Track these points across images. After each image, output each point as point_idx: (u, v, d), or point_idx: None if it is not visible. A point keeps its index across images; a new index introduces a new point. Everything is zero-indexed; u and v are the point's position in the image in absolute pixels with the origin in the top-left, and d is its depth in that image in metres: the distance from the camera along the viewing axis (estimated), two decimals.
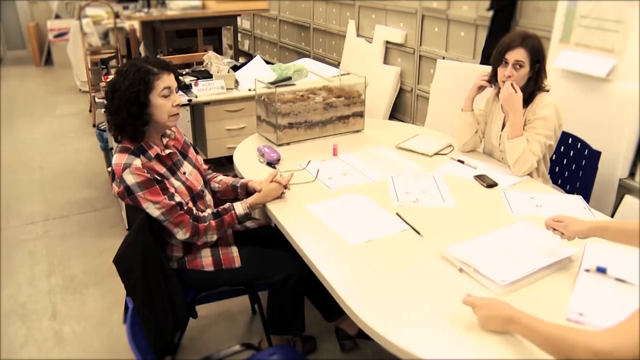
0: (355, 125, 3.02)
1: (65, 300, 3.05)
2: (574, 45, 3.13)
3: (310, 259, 1.83)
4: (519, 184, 2.41)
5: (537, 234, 1.95)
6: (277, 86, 2.98)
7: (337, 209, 2.15)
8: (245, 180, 2.35)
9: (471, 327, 1.49)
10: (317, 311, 2.50)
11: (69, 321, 2.87)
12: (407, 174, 2.46)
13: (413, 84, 4.53)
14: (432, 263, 1.79)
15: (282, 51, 6.71)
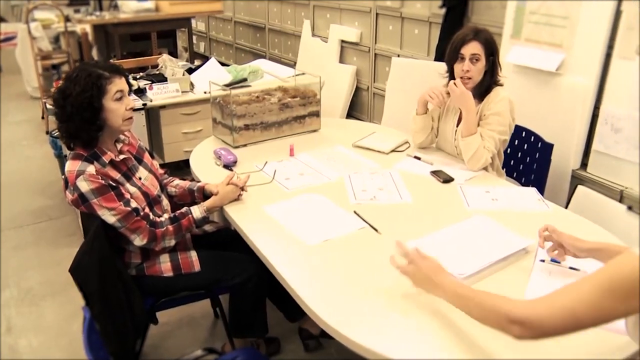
0: (312, 125, 3.02)
1: (20, 313, 2.98)
2: (524, 41, 3.19)
3: (269, 260, 1.83)
4: (475, 179, 2.45)
5: (493, 227, 1.98)
6: (232, 88, 2.97)
7: (295, 209, 2.15)
8: (202, 183, 2.33)
9: (432, 322, 1.51)
10: (280, 312, 2.50)
11: (26, 334, 2.80)
12: (364, 172, 2.48)
13: (369, 82, 4.56)
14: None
15: (238, 52, 6.67)
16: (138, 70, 4.26)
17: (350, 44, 4.72)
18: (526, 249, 1.85)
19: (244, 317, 2.33)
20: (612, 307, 1.15)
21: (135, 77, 3.97)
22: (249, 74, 3.96)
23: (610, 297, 1.15)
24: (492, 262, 1.74)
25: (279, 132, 2.91)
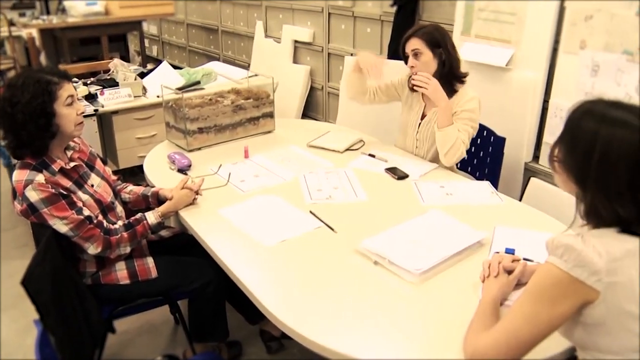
0: (266, 126, 3.01)
1: None
2: (474, 38, 3.25)
3: (226, 264, 1.82)
4: (429, 174, 2.48)
5: (448, 221, 2.01)
6: (185, 91, 2.94)
7: (250, 211, 2.14)
8: (156, 188, 2.30)
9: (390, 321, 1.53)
10: (240, 315, 2.49)
11: None
12: (319, 172, 2.49)
13: (323, 81, 4.58)
14: (347, 258, 1.81)
15: (192, 55, 6.62)
16: (89, 76, 4.18)
17: (303, 44, 4.73)
18: (481, 242, 1.89)
19: (204, 322, 2.31)
20: (546, 314, 1.23)
21: (86, 82, 3.89)
22: (202, 76, 3.93)
23: (541, 306, 1.23)
24: (447, 256, 1.76)
25: (233, 135, 2.90)
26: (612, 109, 1.25)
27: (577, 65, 2.78)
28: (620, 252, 1.18)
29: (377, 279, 1.70)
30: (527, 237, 1.92)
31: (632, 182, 1.20)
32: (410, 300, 1.61)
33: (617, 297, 1.19)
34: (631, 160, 1.19)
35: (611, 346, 1.25)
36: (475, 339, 1.33)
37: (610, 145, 1.20)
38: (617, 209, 1.22)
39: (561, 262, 1.20)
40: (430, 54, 2.50)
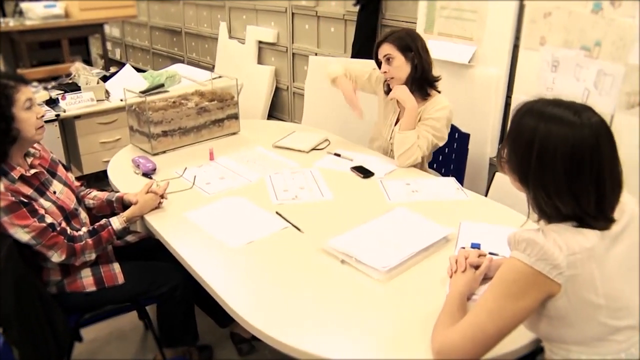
0: (231, 127, 3.00)
1: None
2: (437, 35, 3.28)
3: (193, 267, 1.81)
4: (395, 172, 2.49)
5: (414, 218, 2.03)
6: (149, 94, 2.91)
7: (217, 213, 2.13)
8: (121, 193, 2.27)
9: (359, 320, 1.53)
10: (210, 318, 2.47)
11: None
12: (284, 172, 2.48)
13: (288, 82, 4.58)
14: (314, 258, 1.82)
15: (156, 58, 6.55)
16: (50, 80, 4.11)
17: (267, 44, 4.72)
18: (447, 238, 1.91)
19: (174, 326, 2.29)
20: (511, 308, 1.25)
21: (47, 87, 3.83)
22: (166, 79, 3.89)
23: (506, 300, 1.25)
24: (414, 252, 1.77)
25: (198, 137, 2.87)
26: (550, 107, 1.28)
27: (537, 61, 2.83)
28: (578, 245, 1.21)
29: (344, 277, 1.71)
30: (493, 231, 1.95)
31: (569, 176, 1.22)
32: (378, 297, 1.62)
33: (578, 289, 1.21)
34: (567, 155, 1.21)
35: (575, 337, 1.28)
36: (442, 334, 1.34)
37: (547, 141, 1.23)
38: (557, 204, 1.25)
39: (524, 256, 1.22)
40: (402, 58, 2.52)
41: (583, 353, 1.28)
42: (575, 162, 1.21)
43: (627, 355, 1.28)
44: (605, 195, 1.24)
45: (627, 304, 1.27)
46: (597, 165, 1.22)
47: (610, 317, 1.25)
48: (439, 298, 1.52)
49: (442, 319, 1.41)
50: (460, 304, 1.46)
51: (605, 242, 1.24)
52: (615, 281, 1.25)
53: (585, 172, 1.22)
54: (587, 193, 1.23)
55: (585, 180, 1.22)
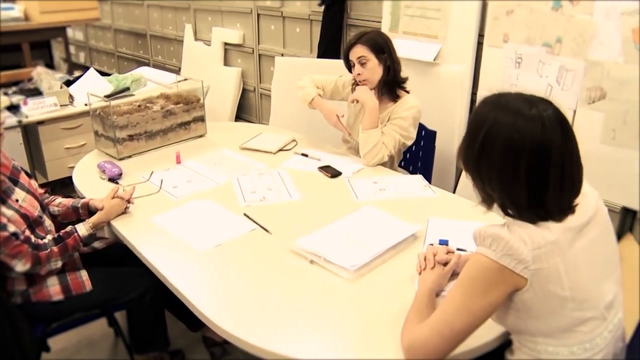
0: (197, 130, 2.98)
1: None
2: (402, 34, 3.31)
3: (161, 272, 1.79)
4: (362, 171, 2.50)
5: (381, 216, 2.04)
6: (115, 98, 2.87)
7: (184, 217, 2.12)
8: (86, 199, 2.24)
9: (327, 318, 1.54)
10: (181, 322, 2.45)
11: None
12: (252, 174, 2.47)
13: (255, 83, 4.57)
14: (283, 259, 1.81)
15: (121, 61, 6.47)
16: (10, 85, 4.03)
17: (233, 45, 4.70)
18: (415, 235, 1.92)
19: (144, 332, 2.27)
20: (478, 303, 1.26)
21: (7, 92, 3.75)
22: (131, 82, 3.85)
23: (473, 295, 1.26)
24: (382, 251, 1.78)
25: (165, 141, 2.85)
26: (508, 97, 1.29)
27: (501, 58, 2.87)
28: (543, 239, 1.22)
29: (313, 278, 1.71)
30: (460, 227, 1.97)
31: (503, 166, 1.24)
32: (347, 297, 1.62)
33: (544, 282, 1.23)
34: (507, 144, 1.23)
35: (542, 329, 1.30)
36: (411, 331, 1.35)
37: (491, 129, 1.25)
38: (489, 191, 1.29)
39: (490, 251, 1.24)
40: (375, 60, 2.53)
41: (550, 345, 1.31)
42: (513, 152, 1.23)
43: (592, 345, 1.30)
44: (547, 188, 1.25)
45: (592, 295, 1.29)
46: (539, 158, 1.22)
47: (575, 309, 1.27)
48: (408, 295, 1.53)
49: (411, 316, 1.42)
50: (429, 301, 1.47)
51: (570, 235, 1.26)
52: (580, 273, 1.27)
53: (522, 163, 1.23)
54: (519, 184, 1.24)
55: (520, 170, 1.23)
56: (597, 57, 2.48)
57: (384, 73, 2.56)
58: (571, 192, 1.29)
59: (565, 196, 1.28)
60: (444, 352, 1.30)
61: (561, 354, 1.30)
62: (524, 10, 2.71)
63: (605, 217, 1.39)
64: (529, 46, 2.74)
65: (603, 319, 1.31)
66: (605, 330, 1.32)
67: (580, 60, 2.54)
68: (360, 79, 2.57)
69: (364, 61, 2.53)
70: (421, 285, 1.55)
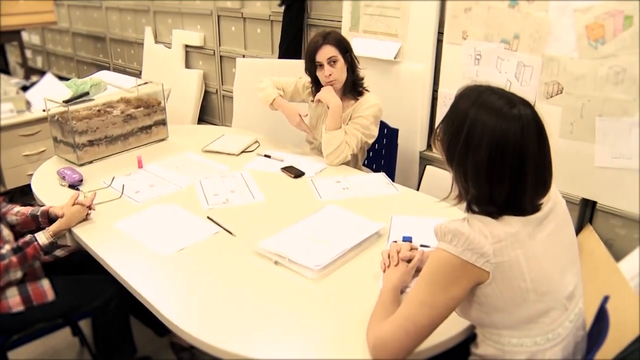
0: (159, 134, 2.94)
1: None
2: (363, 33, 3.32)
3: (124, 278, 1.77)
4: (325, 171, 2.51)
5: (345, 215, 2.04)
6: (74, 103, 2.82)
7: (147, 222, 2.09)
8: (46, 207, 2.19)
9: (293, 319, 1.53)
10: (148, 328, 2.42)
11: None
12: (215, 176, 2.46)
13: (217, 85, 4.54)
14: (247, 261, 1.81)
15: (80, 65, 6.36)
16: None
17: (194, 48, 4.66)
18: (379, 233, 1.93)
19: (110, 340, 2.23)
20: (441, 299, 1.28)
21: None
22: (91, 87, 3.79)
23: (436, 291, 1.28)
24: (346, 249, 1.79)
25: (126, 145, 2.81)
26: (487, 93, 1.30)
27: (461, 54, 2.90)
28: (503, 232, 1.24)
29: (278, 278, 1.71)
30: (424, 224, 1.99)
31: (489, 165, 1.25)
32: (312, 296, 1.63)
33: (505, 275, 1.25)
34: (491, 144, 1.24)
35: (505, 321, 1.31)
36: (376, 328, 1.36)
37: (474, 128, 1.26)
38: (472, 189, 1.29)
39: (451, 247, 1.25)
40: (342, 59, 2.54)
41: (513, 336, 1.32)
42: (498, 152, 1.24)
43: (554, 335, 1.33)
44: (525, 189, 1.27)
45: (553, 286, 1.31)
46: (519, 158, 1.24)
47: (537, 301, 1.29)
48: (373, 293, 1.53)
49: (377, 312, 1.43)
50: (393, 298, 1.48)
51: (530, 227, 1.28)
52: (541, 265, 1.28)
53: (506, 163, 1.24)
54: (502, 184, 1.25)
55: (504, 171, 1.25)
56: (553, 52, 2.52)
57: (349, 72, 2.57)
58: (542, 193, 1.31)
59: (538, 197, 1.30)
60: (409, 348, 1.31)
61: (525, 345, 1.32)
62: (482, 8, 2.75)
63: (564, 209, 1.42)
64: (487, 43, 2.77)
65: (564, 309, 1.34)
66: (567, 320, 1.34)
67: (537, 56, 2.58)
68: (331, 79, 2.56)
69: (334, 60, 2.52)
70: (386, 282, 1.56)
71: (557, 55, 2.51)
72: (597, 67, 2.39)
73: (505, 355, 1.34)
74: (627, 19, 2.27)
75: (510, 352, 1.33)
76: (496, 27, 2.71)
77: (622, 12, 2.28)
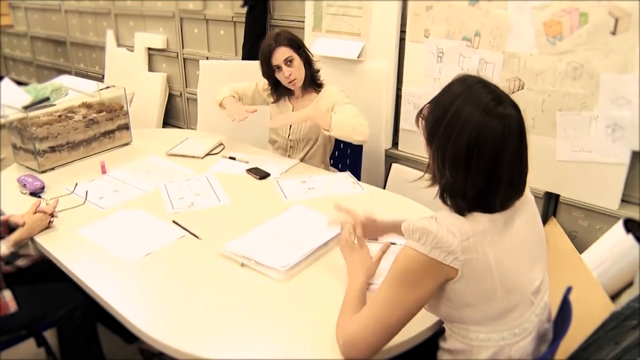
0: (122, 138, 2.91)
1: None
2: (326, 33, 3.32)
3: (89, 286, 1.74)
4: (291, 171, 2.51)
5: (310, 215, 2.04)
6: (34, 109, 2.77)
7: (112, 228, 2.06)
8: (6, 216, 2.14)
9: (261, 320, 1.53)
10: (116, 335, 2.39)
11: None
12: (179, 180, 2.44)
13: (181, 88, 4.50)
14: (214, 264, 1.80)
15: (40, 70, 6.24)
16: None
17: (157, 50, 4.61)
18: None
19: (77, 349, 2.19)
20: (410, 298, 1.29)
21: None
22: (52, 92, 3.70)
23: (405, 289, 1.28)
24: (312, 249, 1.79)
25: (88, 151, 2.77)
26: (478, 85, 1.30)
27: (423, 52, 2.92)
28: (471, 229, 1.25)
29: (245, 281, 1.70)
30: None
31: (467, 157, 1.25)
32: (280, 297, 1.62)
33: (474, 272, 1.25)
34: (471, 138, 1.24)
35: (474, 317, 1.32)
36: (345, 325, 1.36)
37: (458, 117, 1.26)
38: (447, 175, 1.29)
39: (419, 245, 1.25)
40: (298, 57, 2.54)
41: (481, 332, 1.33)
42: (477, 146, 1.23)
43: (521, 330, 1.34)
44: (497, 189, 1.27)
45: (521, 282, 1.32)
46: (496, 156, 1.24)
47: (505, 297, 1.30)
48: (340, 293, 1.54)
49: (345, 310, 1.43)
50: (361, 294, 1.48)
51: (499, 224, 1.29)
52: (510, 262, 1.29)
53: (482, 158, 1.24)
54: (476, 178, 1.26)
55: (480, 165, 1.25)
56: (514, 49, 2.56)
57: (306, 67, 2.58)
58: (515, 196, 1.32)
59: (510, 199, 1.31)
60: (377, 346, 1.32)
61: (492, 339, 1.33)
62: (443, 6, 2.77)
63: (533, 206, 1.43)
64: (449, 40, 2.80)
65: (531, 304, 1.35)
66: (533, 314, 1.36)
67: (498, 53, 2.62)
68: (291, 79, 2.56)
69: (291, 60, 2.53)
70: (352, 278, 1.56)
71: (517, 51, 2.55)
72: (556, 62, 2.44)
73: (472, 349, 1.35)
74: (583, 15, 2.32)
75: (477, 346, 1.35)
76: (457, 24, 2.74)
77: (577, 9, 2.32)
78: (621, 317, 1.53)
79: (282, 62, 2.52)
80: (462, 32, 2.74)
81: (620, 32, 2.26)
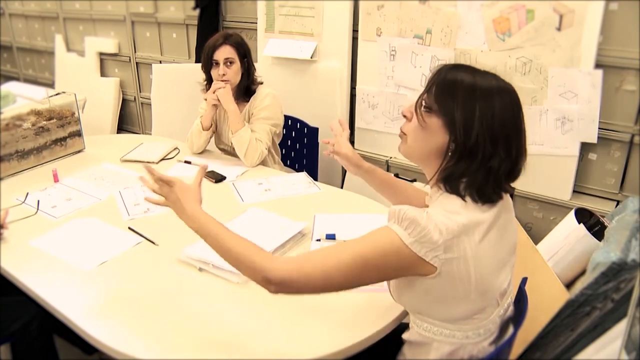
0: (74, 146, 2.84)
1: None
2: (278, 34, 3.32)
3: (42, 298, 1.69)
4: (247, 173, 2.50)
5: (267, 217, 2.04)
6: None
7: (65, 237, 2.01)
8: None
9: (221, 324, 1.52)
10: (75, 347, 2.34)
11: None
12: (135, 186, 2.40)
13: (135, 92, 4.44)
14: (171, 269, 1.78)
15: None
16: None
17: (109, 55, 4.54)
18: (302, 232, 1.94)
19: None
20: (363, 276, 1.26)
21: None
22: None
23: (364, 268, 1.25)
24: (270, 251, 1.78)
25: (39, 159, 2.70)
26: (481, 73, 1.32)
27: (376, 51, 2.95)
28: (457, 227, 1.22)
29: (203, 285, 1.69)
30: (347, 220, 2.01)
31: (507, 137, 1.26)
32: (240, 300, 1.62)
33: (452, 272, 1.23)
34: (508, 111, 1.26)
35: (444, 315, 1.31)
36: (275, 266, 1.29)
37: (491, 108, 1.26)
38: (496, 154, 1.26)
39: (405, 234, 1.21)
40: (239, 63, 2.55)
41: (447, 328, 1.32)
42: (511, 126, 1.27)
43: (485, 330, 1.33)
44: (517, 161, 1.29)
45: (492, 285, 1.31)
46: (521, 127, 1.29)
47: (477, 299, 1.29)
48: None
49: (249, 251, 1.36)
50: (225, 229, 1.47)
51: (483, 227, 1.26)
52: (486, 265, 1.27)
53: (515, 130, 1.28)
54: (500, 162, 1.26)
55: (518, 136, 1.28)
56: (465, 46, 2.60)
57: (243, 77, 2.60)
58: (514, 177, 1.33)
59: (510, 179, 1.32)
60: (311, 293, 1.29)
61: (456, 337, 1.32)
62: (393, 4, 2.80)
63: (512, 210, 1.42)
64: (401, 39, 2.83)
65: (497, 305, 1.35)
66: (497, 315, 1.36)
67: (449, 50, 2.66)
68: (223, 79, 2.57)
69: (231, 62, 2.55)
70: (194, 217, 1.55)
71: (468, 48, 2.59)
72: (506, 58, 2.49)
73: (432, 343, 1.35)
74: (529, 12, 2.37)
75: (440, 341, 1.34)
76: (409, 22, 2.77)
77: (524, 6, 2.37)
78: (576, 304, 1.56)
79: (222, 60, 2.54)
80: (414, 30, 2.77)
81: (565, 28, 2.32)
